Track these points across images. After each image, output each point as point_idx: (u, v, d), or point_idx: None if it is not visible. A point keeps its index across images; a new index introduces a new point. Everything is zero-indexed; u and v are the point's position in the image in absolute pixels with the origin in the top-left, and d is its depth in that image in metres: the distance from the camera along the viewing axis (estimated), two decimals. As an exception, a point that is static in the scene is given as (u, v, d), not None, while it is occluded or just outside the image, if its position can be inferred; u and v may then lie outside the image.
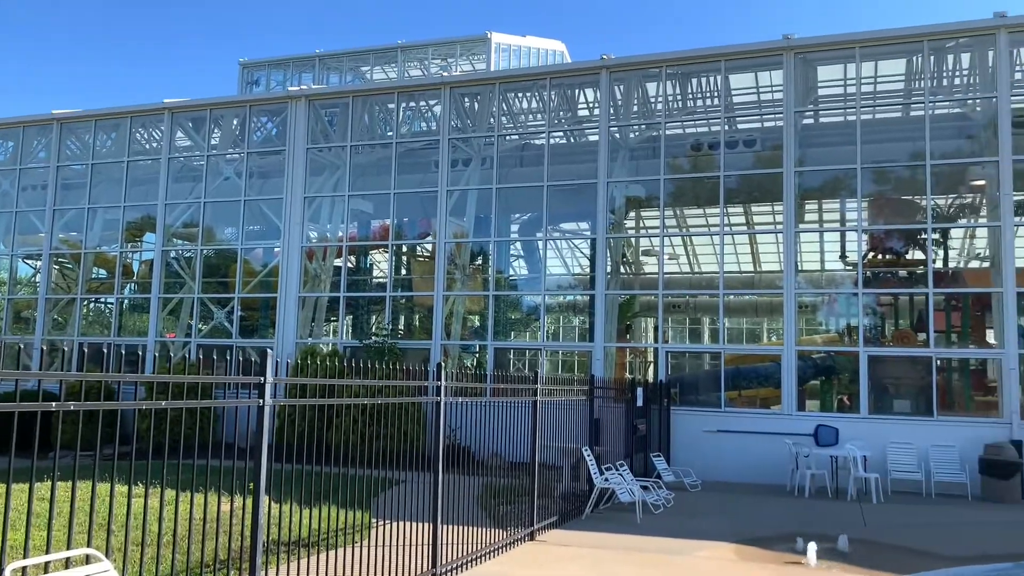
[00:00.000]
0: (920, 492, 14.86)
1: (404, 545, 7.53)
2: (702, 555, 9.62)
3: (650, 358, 24.72)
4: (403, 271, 24.14)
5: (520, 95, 22.53)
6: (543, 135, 20.62)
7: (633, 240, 24.76)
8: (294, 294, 21.16)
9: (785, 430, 16.13)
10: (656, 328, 21.45)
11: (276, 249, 22.06)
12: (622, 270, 23.65)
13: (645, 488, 12.49)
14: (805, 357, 20.03)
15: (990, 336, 18.07)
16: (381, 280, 23.59)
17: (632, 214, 23.36)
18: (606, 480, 11.98)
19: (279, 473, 6.22)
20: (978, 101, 17.71)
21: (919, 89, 18.14)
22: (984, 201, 18.47)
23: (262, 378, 5.87)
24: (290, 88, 24.85)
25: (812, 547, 9.26)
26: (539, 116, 21.91)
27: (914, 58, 18.13)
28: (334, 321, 23.27)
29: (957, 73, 18.79)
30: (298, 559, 7.07)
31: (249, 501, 5.85)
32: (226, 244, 23.77)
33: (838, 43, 17.80)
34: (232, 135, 24.10)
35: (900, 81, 19.46)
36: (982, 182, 17.88)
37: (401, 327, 23.16)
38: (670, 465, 15.66)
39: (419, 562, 7.66)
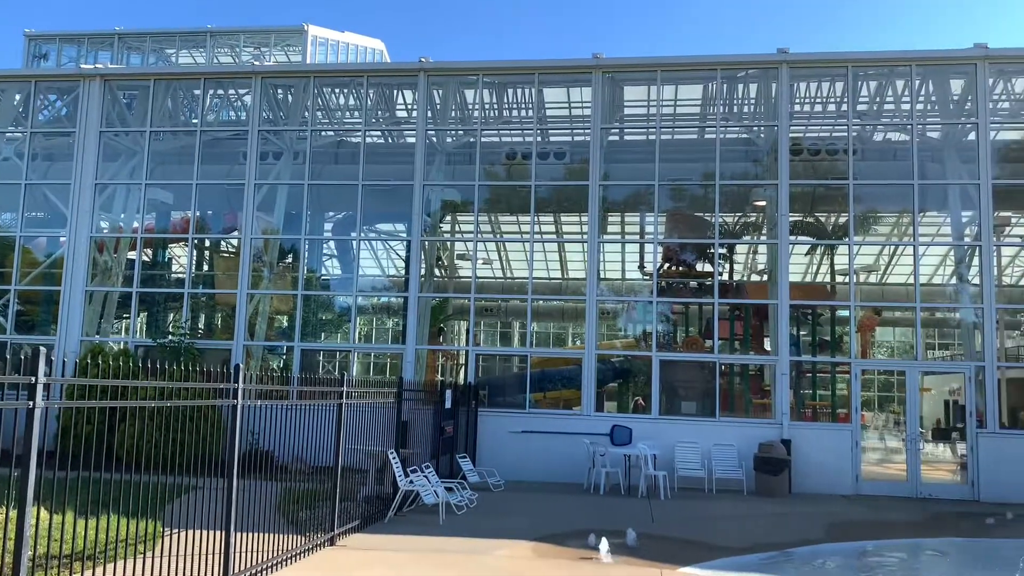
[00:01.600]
0: (703, 488, 16.03)
1: (195, 555, 7.17)
2: (501, 554, 9.86)
3: (462, 360, 25.03)
4: (205, 267, 22.94)
5: (337, 91, 22.12)
6: (359, 133, 20.34)
7: (448, 244, 24.98)
8: (80, 287, 19.55)
9: (585, 430, 16.87)
10: (468, 331, 21.75)
11: (62, 238, 20.28)
12: (436, 273, 23.79)
13: (450, 489, 12.62)
14: (605, 360, 21.06)
15: (767, 344, 19.78)
16: (180, 276, 22.31)
17: (448, 218, 23.57)
18: (411, 482, 12.00)
19: (61, 481, 5.73)
20: (762, 129, 19.40)
21: (713, 114, 19.61)
22: (765, 220, 20.24)
23: (33, 378, 5.39)
24: (84, 66, 22.96)
25: (604, 543, 9.75)
26: (356, 114, 21.61)
27: (710, 84, 19.60)
28: (126, 318, 21.71)
29: (746, 101, 20.50)
30: (70, 573, 6.54)
31: (15, 513, 5.35)
32: (3, 231, 21.55)
33: (642, 65, 18.89)
34: (14, 112, 21.91)
35: (697, 105, 20.96)
36: (763, 203, 19.60)
37: (201, 326, 21.99)
38: (476, 466, 15.93)
39: (210, 572, 7.32)
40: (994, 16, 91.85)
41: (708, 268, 19.70)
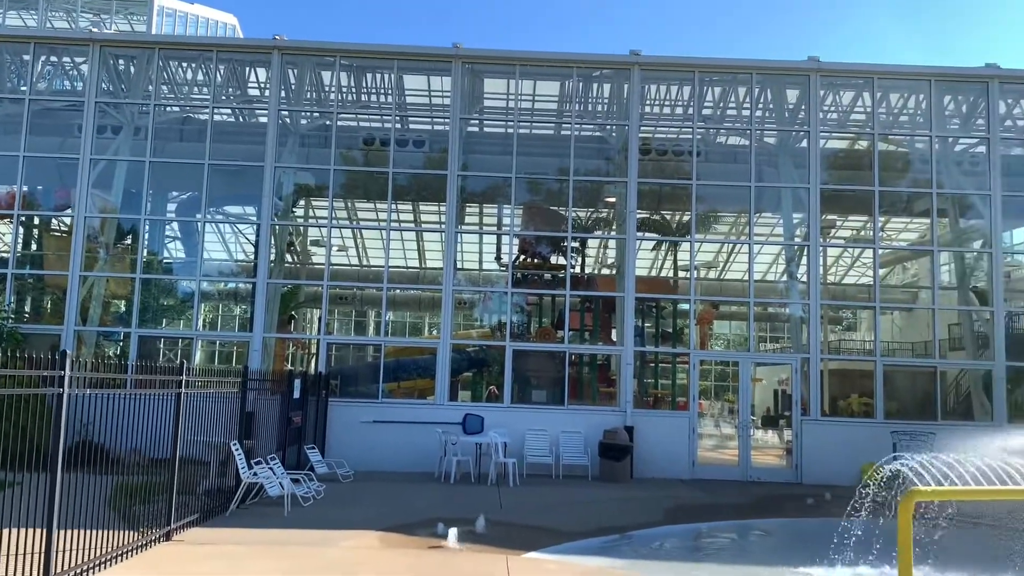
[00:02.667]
0: (551, 474, 16.46)
1: (12, 555, 6.66)
2: (347, 544, 9.75)
3: (314, 350, 24.47)
4: (33, 246, 21.27)
5: (184, 65, 20.98)
6: (207, 110, 19.41)
7: (301, 229, 24.33)
8: None
9: (438, 419, 16.92)
10: (320, 319, 21.29)
11: None
12: (288, 259, 23.10)
13: (296, 481, 12.34)
14: (461, 350, 21.18)
15: (615, 335, 20.51)
16: (3, 255, 20.57)
17: (302, 202, 22.95)
18: (254, 474, 11.64)
19: None
20: (615, 128, 20.03)
21: (569, 111, 20.05)
22: (615, 216, 20.95)
23: None
24: None
25: (452, 531, 9.84)
26: (205, 90, 20.59)
27: (566, 82, 20.04)
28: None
29: (600, 100, 21.11)
30: None
31: None
32: None
33: (502, 58, 19.05)
34: None
35: (555, 101, 21.38)
36: (614, 199, 20.28)
37: (28, 310, 20.40)
38: (326, 457, 15.64)
39: (29, 573, 6.83)
40: (826, 32, 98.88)
41: (562, 261, 20.17)
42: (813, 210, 18.38)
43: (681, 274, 23.26)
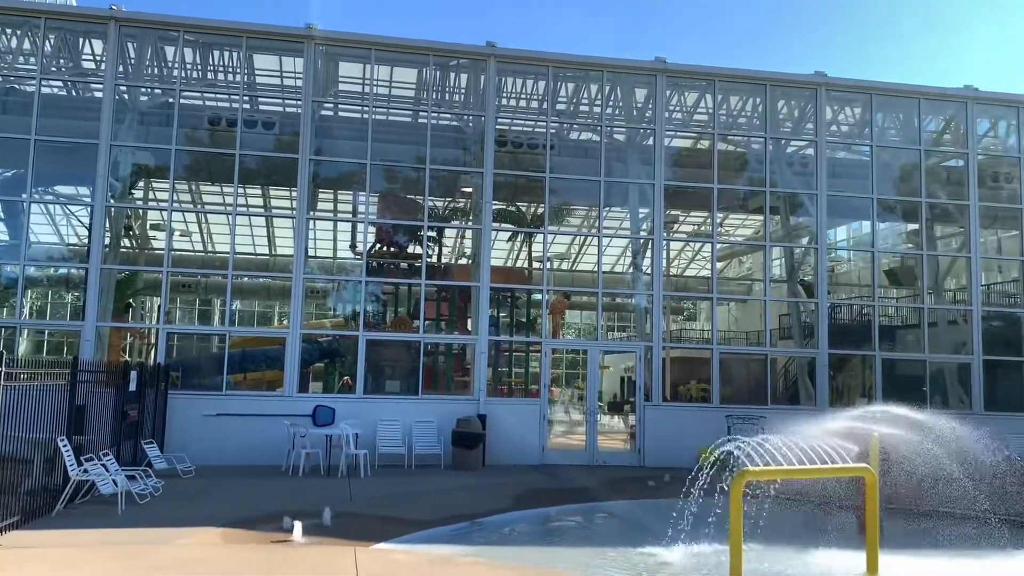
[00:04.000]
0: (403, 465, 16.39)
1: None
2: (185, 542, 9.34)
3: (153, 340, 23.23)
4: None
5: (9, 32, 19.28)
6: (34, 81, 17.94)
7: (140, 212, 23.01)
8: None
9: (287, 412, 16.46)
10: (160, 308, 20.22)
11: None
12: (125, 243, 21.80)
13: (132, 477, 11.68)
14: (312, 340, 20.73)
15: (470, 324, 20.66)
16: None
17: (141, 184, 21.67)
18: (85, 471, 10.93)
19: None
20: (471, 118, 20.11)
21: (426, 99, 19.94)
22: (472, 206, 21.07)
23: None
24: None
25: (298, 525, 9.62)
26: (32, 60, 19.00)
27: (424, 70, 19.91)
28: None
29: (457, 90, 21.14)
30: None
31: None
32: None
33: (357, 41, 18.68)
34: None
35: (412, 89, 21.22)
36: (471, 189, 20.39)
37: None
38: (166, 452, 14.90)
39: None
40: (675, 36, 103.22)
41: (418, 250, 20.09)
42: (657, 205, 19.19)
43: (535, 265, 23.74)
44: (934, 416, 11.55)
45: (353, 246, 21.60)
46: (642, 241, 20.38)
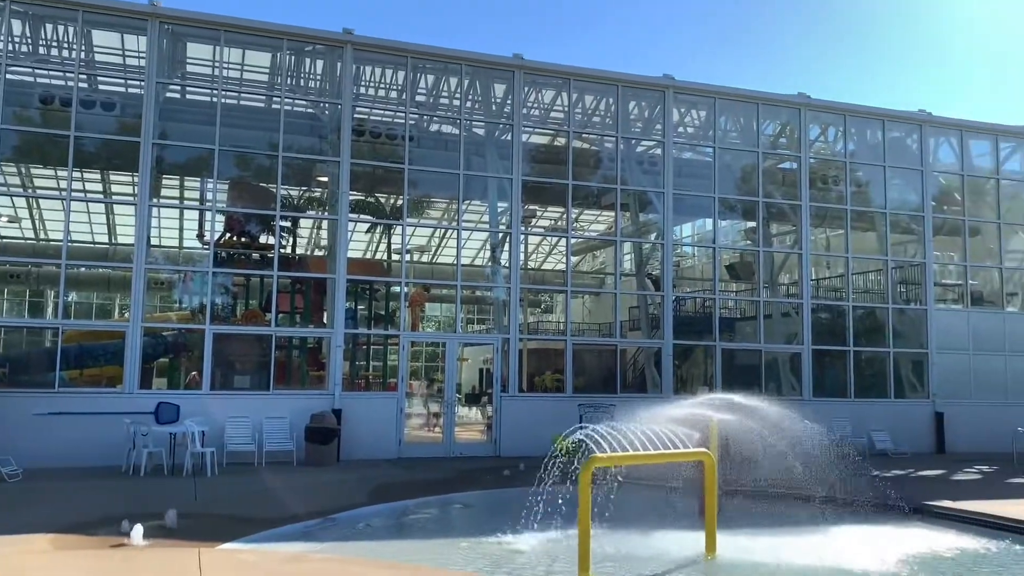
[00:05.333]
0: (253, 462, 15.86)
1: None
2: (10, 551, 8.66)
3: (-25, 334, 21.43)
4: None
5: None
6: None
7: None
8: None
9: (128, 409, 15.57)
10: (-17, 299, 18.65)
11: None
12: (-59, 229, 19.97)
13: (-53, 484, 10.74)
14: (156, 334, 19.71)
15: (326, 317, 20.26)
16: None
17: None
18: None
19: None
20: (328, 106, 19.68)
21: (280, 85, 19.31)
22: (328, 196, 20.63)
23: None
24: None
25: (137, 528, 9.13)
26: None
27: (277, 54, 19.28)
28: None
29: (313, 77, 20.62)
30: None
31: None
32: None
33: (206, 21, 17.82)
34: None
35: (265, 73, 20.51)
36: (327, 179, 19.96)
37: None
38: (-12, 455, 13.77)
39: None
40: (533, 33, 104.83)
41: (271, 240, 19.47)
42: (515, 200, 19.48)
43: (394, 257, 23.53)
44: (768, 402, 12.37)
45: (201, 235, 20.67)
46: (500, 235, 20.62)
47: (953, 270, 24.45)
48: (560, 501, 9.84)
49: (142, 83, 17.68)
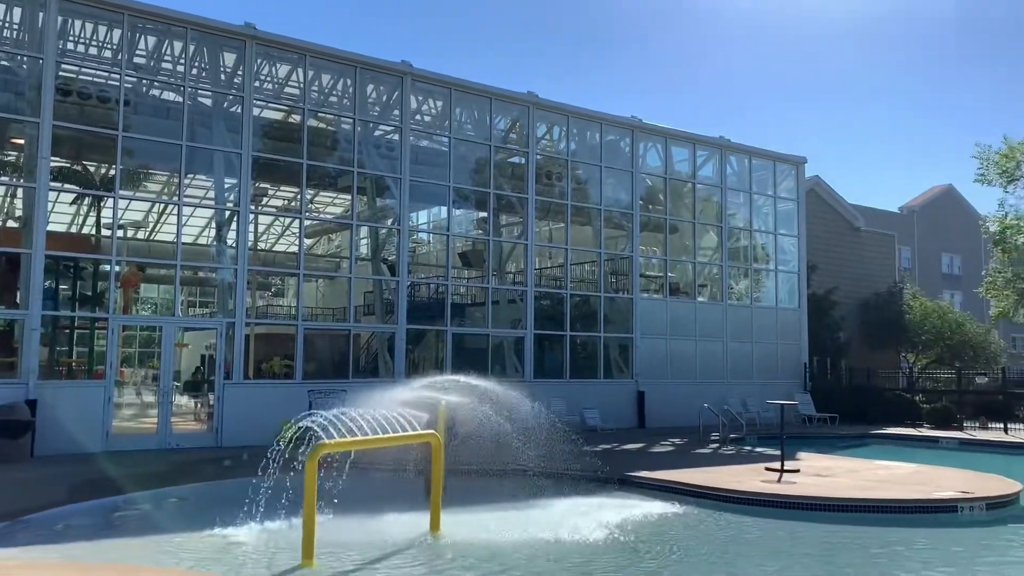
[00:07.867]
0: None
1: None
2: None
3: None
4: None
5: None
6: None
7: None
8: None
9: None
10: None
11: None
12: None
13: None
14: None
15: (19, 297, 18.02)
16: None
17: None
18: None
19: None
20: (26, 59, 17.44)
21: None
22: (25, 161, 18.32)
23: None
24: None
25: None
26: None
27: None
28: None
29: (10, 25, 18.17)
30: None
31: None
32: None
33: None
34: None
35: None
36: (23, 141, 17.72)
37: None
38: None
39: None
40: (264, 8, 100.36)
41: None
42: (245, 176, 18.57)
43: (105, 232, 21.43)
44: (492, 384, 12.98)
45: None
46: (228, 213, 19.52)
47: (655, 263, 27.18)
48: (286, 490, 9.61)
49: None
